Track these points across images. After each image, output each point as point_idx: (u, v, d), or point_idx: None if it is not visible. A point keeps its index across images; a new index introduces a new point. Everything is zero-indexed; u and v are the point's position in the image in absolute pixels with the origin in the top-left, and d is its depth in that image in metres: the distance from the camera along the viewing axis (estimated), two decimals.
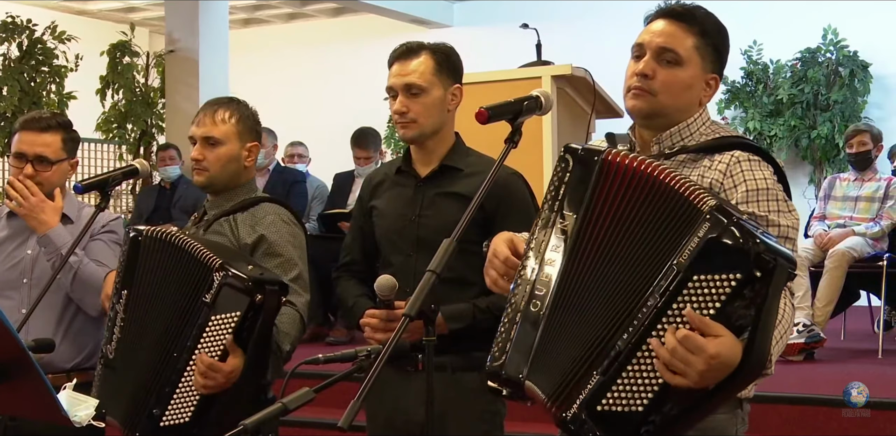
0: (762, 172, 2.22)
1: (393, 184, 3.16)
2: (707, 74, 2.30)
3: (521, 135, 2.25)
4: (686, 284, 1.91)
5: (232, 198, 3.18)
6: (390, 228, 3.10)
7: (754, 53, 10.07)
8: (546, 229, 2.15)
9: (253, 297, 2.74)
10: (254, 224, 3.09)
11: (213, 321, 2.78)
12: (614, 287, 2.02)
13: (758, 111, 9.93)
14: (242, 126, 3.17)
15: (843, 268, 6.29)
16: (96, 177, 3.17)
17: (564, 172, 2.15)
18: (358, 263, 3.24)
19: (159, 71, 10.83)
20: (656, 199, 2.02)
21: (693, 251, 1.92)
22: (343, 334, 6.99)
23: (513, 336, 2.11)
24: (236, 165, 3.16)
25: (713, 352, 1.84)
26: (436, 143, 3.07)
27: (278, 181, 7.84)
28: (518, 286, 2.15)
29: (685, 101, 2.29)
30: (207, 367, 2.74)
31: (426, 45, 3.06)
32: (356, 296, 3.14)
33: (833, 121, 9.63)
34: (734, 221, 1.90)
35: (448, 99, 3.05)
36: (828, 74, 9.85)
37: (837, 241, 6.44)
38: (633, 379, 1.96)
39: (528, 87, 2.41)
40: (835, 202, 6.88)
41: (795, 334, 6.05)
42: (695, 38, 2.27)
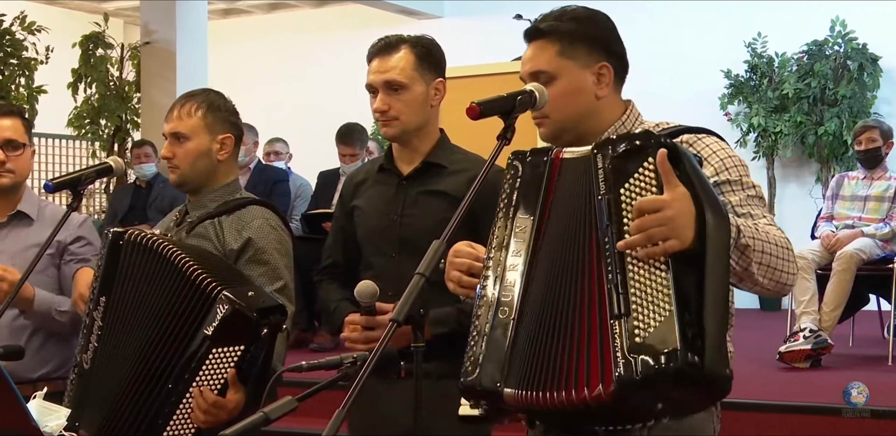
0: (716, 144, 2.33)
1: (375, 182, 3.16)
2: (591, 67, 2.38)
3: (514, 131, 2.25)
4: (620, 199, 2.03)
5: (215, 198, 3.17)
6: (372, 229, 3.11)
7: (759, 46, 10.09)
8: (504, 237, 2.21)
9: (259, 330, 2.73)
10: (240, 229, 3.08)
11: (213, 354, 2.75)
12: (574, 263, 2.09)
13: (762, 106, 9.94)
14: (211, 118, 3.15)
15: (851, 271, 6.30)
16: (68, 175, 3.15)
17: (514, 178, 2.25)
18: (340, 265, 3.25)
19: (134, 64, 10.81)
20: (573, 174, 2.16)
21: (605, 178, 2.07)
22: (328, 340, 6.98)
23: (483, 348, 2.14)
24: (207, 160, 3.15)
25: (670, 197, 1.95)
26: (419, 140, 3.08)
27: (260, 180, 7.83)
28: (482, 298, 2.19)
29: (580, 107, 2.38)
30: (211, 405, 2.73)
31: (406, 38, 3.07)
32: (338, 300, 3.14)
33: (841, 117, 9.65)
34: (612, 140, 2.10)
35: (431, 94, 3.05)
36: (835, 68, 9.87)
37: (845, 242, 6.45)
38: (643, 298, 1.97)
39: (521, 82, 2.41)
40: (843, 202, 6.89)
41: (801, 340, 6.06)
42: (557, 46, 2.37)
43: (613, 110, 2.42)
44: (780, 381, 5.76)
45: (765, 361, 6.22)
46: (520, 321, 2.13)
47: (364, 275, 3.12)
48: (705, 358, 1.90)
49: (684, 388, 1.94)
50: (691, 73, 10.36)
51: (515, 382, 2.08)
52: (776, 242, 2.16)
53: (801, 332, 6.13)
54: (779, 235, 2.18)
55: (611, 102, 2.41)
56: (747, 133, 10.07)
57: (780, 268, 2.16)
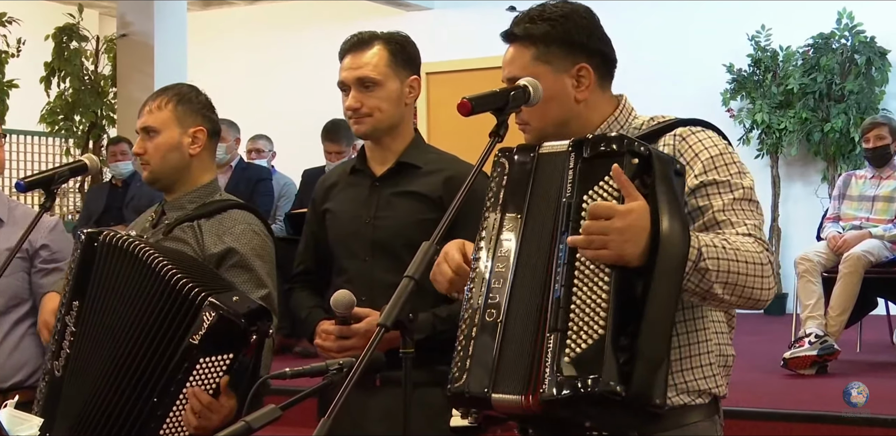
0: (710, 139, 2.32)
1: (347, 185, 3.18)
2: (568, 71, 2.36)
3: (507, 128, 2.26)
4: (580, 207, 2.07)
5: (193, 199, 3.17)
6: (344, 232, 3.12)
7: (762, 39, 10.09)
8: (491, 237, 2.23)
9: (247, 336, 2.74)
10: (221, 234, 3.08)
11: (201, 364, 2.75)
12: (542, 259, 2.14)
13: (766, 102, 9.95)
14: (181, 110, 3.16)
15: (858, 273, 6.31)
16: (40, 174, 3.15)
17: (501, 175, 2.27)
18: (311, 272, 3.26)
19: (110, 57, 10.79)
20: (550, 170, 2.19)
21: (573, 180, 2.11)
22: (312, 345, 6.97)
23: (471, 352, 2.16)
24: (178, 155, 3.15)
25: (624, 208, 1.99)
26: (392, 139, 3.10)
27: (242, 179, 7.83)
28: (470, 300, 2.21)
29: (559, 114, 2.38)
30: (206, 406, 2.72)
31: (379, 34, 3.10)
32: (310, 307, 3.15)
33: (848, 113, 9.65)
34: (590, 139, 2.14)
35: (405, 92, 3.08)
36: (842, 62, 9.88)
37: (852, 244, 6.46)
38: (580, 314, 2.03)
39: None
40: (850, 202, 6.91)
41: (807, 346, 6.07)
42: (532, 50, 2.37)
43: (602, 109, 2.42)
44: (785, 388, 5.77)
45: (768, 367, 6.23)
46: (507, 324, 2.14)
47: (336, 280, 3.12)
48: (632, 384, 1.95)
49: (609, 410, 1.99)
50: (692, 68, 10.36)
51: (501, 387, 2.10)
52: (746, 259, 2.15)
53: (807, 337, 6.14)
54: (751, 251, 2.17)
55: (596, 103, 2.40)
56: (750, 130, 10.07)
57: (750, 285, 2.16)
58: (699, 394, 2.30)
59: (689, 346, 2.28)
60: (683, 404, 2.28)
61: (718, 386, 2.33)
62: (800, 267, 6.45)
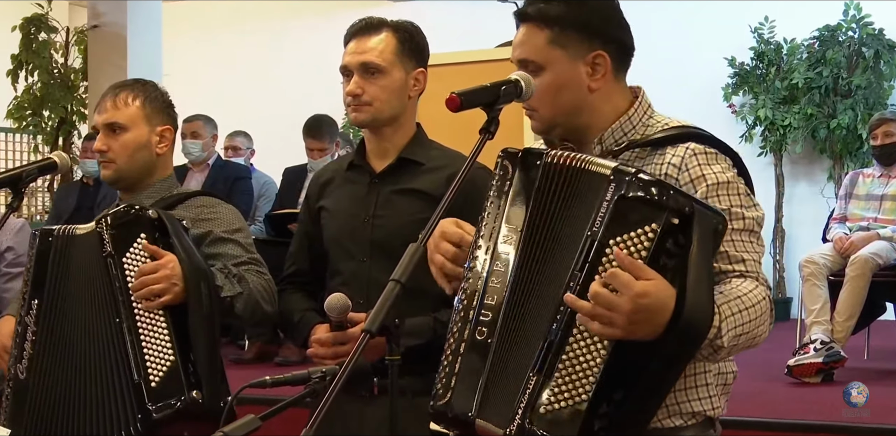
0: (719, 166, 2.29)
1: (344, 181, 3.17)
2: (584, 57, 2.35)
3: (498, 125, 2.26)
4: (604, 251, 2.02)
5: (151, 195, 3.20)
6: (340, 231, 3.11)
7: (765, 31, 10.11)
8: (487, 247, 2.22)
9: (146, 215, 2.90)
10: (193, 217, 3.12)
11: (126, 259, 2.89)
12: (550, 289, 2.12)
13: (769, 98, 9.97)
14: (150, 108, 3.19)
15: (866, 276, 6.32)
16: (7, 172, 3.16)
17: (503, 180, 2.26)
18: (304, 273, 3.25)
19: (81, 49, 10.76)
20: (572, 185, 2.16)
21: (604, 216, 2.05)
22: (294, 353, 6.97)
23: (458, 369, 2.17)
24: (147, 154, 3.18)
25: (640, 289, 1.94)
26: (393, 132, 3.09)
27: (219, 177, 7.83)
28: (459, 312, 2.21)
29: (569, 102, 2.36)
30: (148, 269, 2.84)
31: (388, 22, 3.09)
32: (302, 310, 3.14)
33: (855, 109, 9.67)
34: (637, 175, 2.04)
35: (410, 84, 3.08)
36: (849, 56, 9.89)
37: (860, 246, 6.47)
38: (570, 368, 2.03)
39: (506, 70, 2.42)
40: (857, 202, 6.92)
41: (812, 353, 6.08)
42: (547, 32, 2.35)
43: (615, 102, 2.40)
44: (789, 397, 5.78)
45: (772, 375, 6.24)
46: (498, 347, 2.15)
47: (331, 282, 3.12)
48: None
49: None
50: (691, 61, 10.37)
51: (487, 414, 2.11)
52: (755, 316, 2.15)
53: (812, 344, 6.15)
54: (758, 302, 2.16)
55: (610, 93, 2.39)
56: (753, 127, 10.09)
57: (752, 337, 2.16)
58: (693, 416, 2.28)
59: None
60: (675, 426, 2.27)
61: (715, 408, 2.31)
62: (805, 270, 6.46)
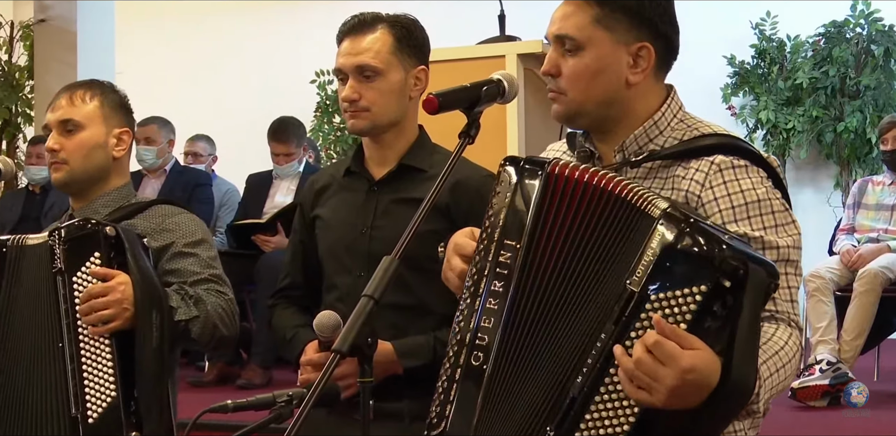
0: (749, 181, 2.27)
1: (340, 188, 3.18)
2: (629, 46, 2.33)
3: (478, 128, 2.27)
4: (643, 305, 1.98)
5: (107, 203, 3.20)
6: (336, 243, 3.12)
7: (767, 28, 10.14)
8: (486, 264, 2.20)
9: (102, 231, 2.89)
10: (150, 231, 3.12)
11: (76, 278, 2.90)
12: (568, 327, 2.09)
13: (772, 99, 9.99)
14: (108, 108, 3.21)
15: (875, 292, 6.34)
16: None
17: (505, 191, 2.23)
18: (298, 285, 3.26)
19: (27, 45, 10.75)
20: (606, 213, 2.10)
21: (647, 266, 1.99)
22: (258, 376, 6.96)
23: (453, 397, 2.16)
24: (102, 156, 3.18)
25: (687, 365, 1.90)
26: (394, 137, 3.10)
27: (177, 184, 7.80)
28: (457, 334, 2.20)
29: (602, 91, 2.34)
30: (97, 292, 2.84)
31: (384, 17, 3.10)
32: (295, 326, 3.14)
33: (864, 111, 9.70)
34: (691, 223, 1.98)
35: (410, 83, 3.08)
36: (857, 54, 9.93)
37: (869, 259, 6.49)
38: (593, 430, 2.01)
39: (488, 69, 2.43)
40: (866, 211, 6.94)
41: (818, 374, 6.09)
42: (594, 10, 2.32)
43: (650, 102, 2.39)
44: (793, 422, 5.79)
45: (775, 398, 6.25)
46: (495, 372, 2.14)
47: (327, 297, 3.12)
48: None
49: None
50: (688, 59, 10.22)
51: None
52: (789, 370, 2.15)
53: (818, 364, 6.17)
54: (792, 352, 2.16)
55: (646, 92, 2.38)
56: (754, 130, 10.11)
57: (782, 391, 2.17)
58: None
59: None
60: None
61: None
62: (810, 285, 6.48)
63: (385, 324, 2.97)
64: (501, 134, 5.04)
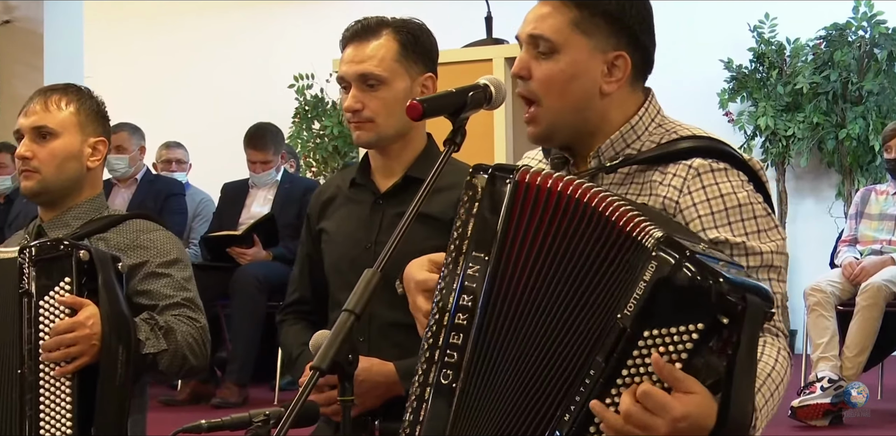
0: (729, 184, 2.26)
1: (346, 200, 3.18)
2: (605, 53, 2.32)
3: (464, 135, 2.27)
4: (635, 342, 1.96)
5: (79, 215, 3.19)
6: (340, 258, 3.12)
7: (766, 30, 10.16)
8: (454, 278, 2.19)
9: (76, 254, 2.85)
10: (124, 248, 3.12)
11: (43, 303, 2.87)
12: (544, 350, 2.08)
13: (771, 104, 10.01)
14: (84, 115, 3.20)
15: (879, 306, 6.35)
16: None
17: (472, 200, 2.22)
18: (307, 300, 3.27)
19: None
20: (588, 233, 2.08)
21: (639, 300, 1.97)
22: (234, 394, 6.96)
23: (422, 418, 2.15)
24: (76, 166, 3.18)
25: (680, 413, 1.89)
26: (401, 148, 3.10)
27: (149, 194, 7.78)
28: (425, 350, 2.19)
29: (577, 97, 2.33)
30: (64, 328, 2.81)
31: (388, 21, 3.10)
32: (302, 344, 3.12)
33: (867, 117, 9.72)
34: (687, 257, 1.95)
35: (417, 92, 3.06)
36: (860, 57, 9.95)
37: (872, 272, 6.50)
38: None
39: (474, 73, 2.43)
40: (869, 222, 6.96)
41: (819, 393, 6.11)
42: (573, 13, 2.30)
43: (626, 109, 2.37)
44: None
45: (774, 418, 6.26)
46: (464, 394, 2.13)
47: (332, 315, 3.12)
48: None
49: None
50: (684, 63, 10.38)
51: None
52: (783, 388, 2.16)
53: (819, 382, 6.18)
54: (782, 373, 2.16)
55: (623, 101, 2.36)
56: (752, 137, 10.12)
57: (773, 406, 2.17)
58: None
59: None
60: None
61: None
62: (810, 299, 6.49)
63: (389, 343, 2.99)
64: (489, 141, 5.05)
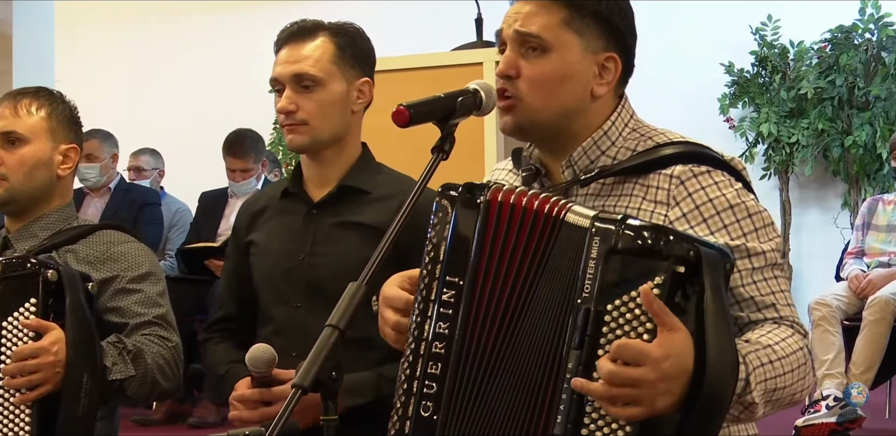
0: (716, 186, 2.28)
1: (278, 211, 3.18)
2: (596, 54, 2.34)
3: (453, 142, 2.27)
4: (603, 319, 2.00)
5: (47, 226, 3.19)
6: (272, 271, 3.12)
7: (769, 33, 10.18)
8: (428, 305, 2.20)
9: (43, 274, 2.84)
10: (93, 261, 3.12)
11: (6, 324, 2.86)
12: (523, 370, 2.10)
13: (773, 110, 10.02)
14: (56, 122, 3.20)
15: (887, 321, 6.36)
16: None
17: (443, 222, 2.23)
18: (233, 318, 3.26)
19: None
20: (549, 238, 2.12)
21: (594, 278, 2.02)
22: (211, 413, 6.95)
23: None
24: (46, 174, 3.18)
25: (659, 354, 1.93)
26: (335, 155, 3.11)
27: (123, 203, 7.77)
28: (402, 381, 2.20)
29: (567, 100, 2.33)
30: (27, 354, 2.80)
31: (326, 24, 3.12)
32: (229, 362, 3.14)
33: (874, 123, 9.73)
34: (623, 222, 2.02)
35: (353, 96, 3.09)
36: (867, 61, 9.97)
37: (879, 285, 6.51)
38: None
39: (464, 77, 2.44)
40: (876, 233, 6.97)
41: (824, 411, 6.10)
42: (564, 11, 2.31)
43: (605, 114, 2.38)
44: None
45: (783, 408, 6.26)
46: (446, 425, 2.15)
47: (262, 331, 3.12)
48: None
49: None
50: (682, 67, 10.41)
51: None
52: (791, 367, 2.15)
53: (824, 400, 6.18)
54: (794, 351, 2.16)
55: (606, 105, 2.38)
56: (755, 144, 10.13)
57: (792, 393, 2.17)
58: None
59: None
60: None
61: None
62: (815, 314, 6.50)
63: None
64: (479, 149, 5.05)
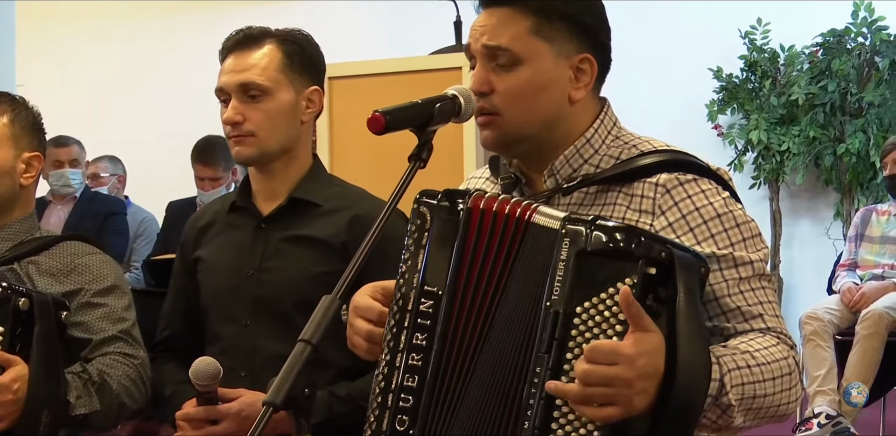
0: (702, 195, 2.29)
1: (225, 226, 3.20)
2: (569, 58, 2.35)
3: (431, 150, 2.27)
4: (572, 321, 2.02)
5: (7, 238, 3.19)
6: (219, 288, 3.13)
7: (759, 37, 10.19)
8: (405, 316, 2.20)
9: (14, 302, 2.83)
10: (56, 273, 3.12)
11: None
12: (498, 379, 2.11)
13: (763, 117, 10.04)
14: (19, 128, 3.20)
15: (880, 335, 6.37)
16: None
17: (421, 230, 2.23)
18: (180, 337, 3.26)
19: None
20: (519, 242, 2.14)
21: (563, 280, 2.04)
22: None
23: None
24: (9, 183, 3.18)
25: (633, 351, 1.94)
26: (284, 167, 3.11)
27: (87, 213, 7.75)
28: (377, 394, 2.20)
29: (547, 110, 2.35)
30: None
31: (272, 31, 3.13)
32: (176, 383, 3.14)
33: (867, 131, 9.75)
34: (594, 223, 2.04)
35: (302, 106, 3.10)
36: (859, 66, 9.99)
37: (873, 298, 6.53)
38: None
39: (443, 82, 2.44)
40: (870, 245, 6.99)
41: (816, 429, 6.12)
42: (531, 20, 2.32)
43: (585, 119, 2.39)
44: None
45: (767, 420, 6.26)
46: None
47: (209, 350, 3.12)
48: None
49: None
50: (669, 73, 10.43)
51: None
52: (773, 375, 2.17)
53: (816, 418, 6.20)
54: (777, 359, 2.18)
55: (586, 108, 2.39)
56: (744, 152, 10.14)
57: (776, 404, 2.19)
58: None
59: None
60: None
61: None
62: (806, 328, 6.51)
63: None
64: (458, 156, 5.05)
